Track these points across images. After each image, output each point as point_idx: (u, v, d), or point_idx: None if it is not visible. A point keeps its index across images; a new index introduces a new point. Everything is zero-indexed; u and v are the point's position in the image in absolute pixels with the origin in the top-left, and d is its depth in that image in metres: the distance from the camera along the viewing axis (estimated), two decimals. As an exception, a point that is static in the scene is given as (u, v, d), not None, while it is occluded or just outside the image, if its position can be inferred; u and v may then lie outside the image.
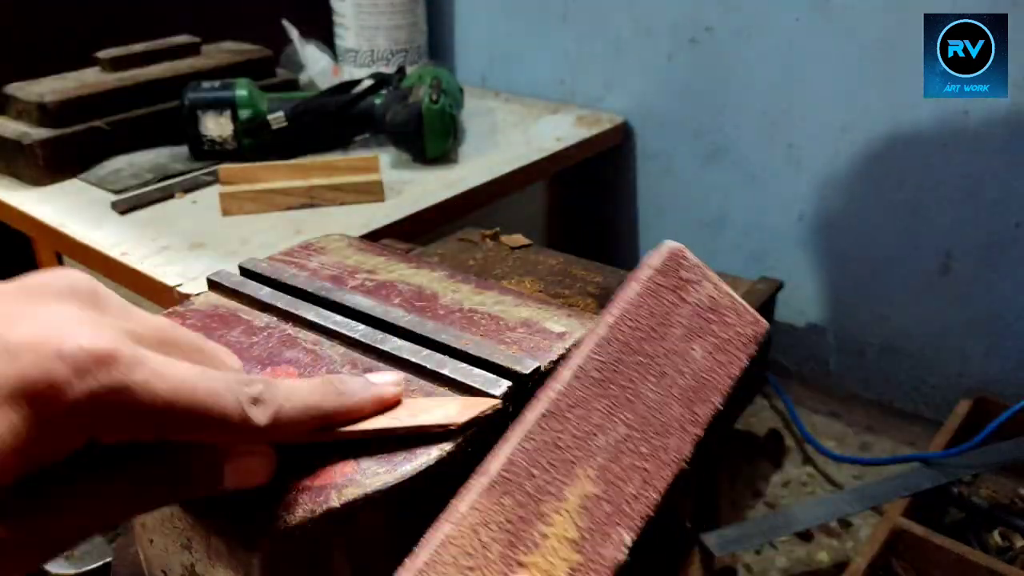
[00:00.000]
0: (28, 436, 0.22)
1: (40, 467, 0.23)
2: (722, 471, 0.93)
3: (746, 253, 1.09)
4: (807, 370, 1.11)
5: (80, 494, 0.24)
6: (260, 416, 0.27)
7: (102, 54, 0.99)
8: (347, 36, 1.19)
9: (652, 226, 1.18)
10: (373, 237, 0.81)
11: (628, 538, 0.28)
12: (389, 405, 0.32)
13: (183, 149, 0.97)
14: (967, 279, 0.93)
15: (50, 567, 0.54)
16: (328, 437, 0.31)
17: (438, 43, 1.31)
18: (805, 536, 0.87)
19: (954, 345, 0.97)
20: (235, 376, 0.27)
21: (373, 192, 0.87)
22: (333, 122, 0.98)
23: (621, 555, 0.27)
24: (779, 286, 0.99)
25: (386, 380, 0.33)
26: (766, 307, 0.97)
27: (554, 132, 1.08)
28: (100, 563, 0.54)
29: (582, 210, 1.24)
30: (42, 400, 0.22)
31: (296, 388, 0.29)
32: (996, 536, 0.79)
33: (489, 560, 0.26)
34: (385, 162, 0.96)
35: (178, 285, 0.72)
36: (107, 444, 0.24)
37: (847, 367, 1.07)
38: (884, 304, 1.01)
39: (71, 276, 0.26)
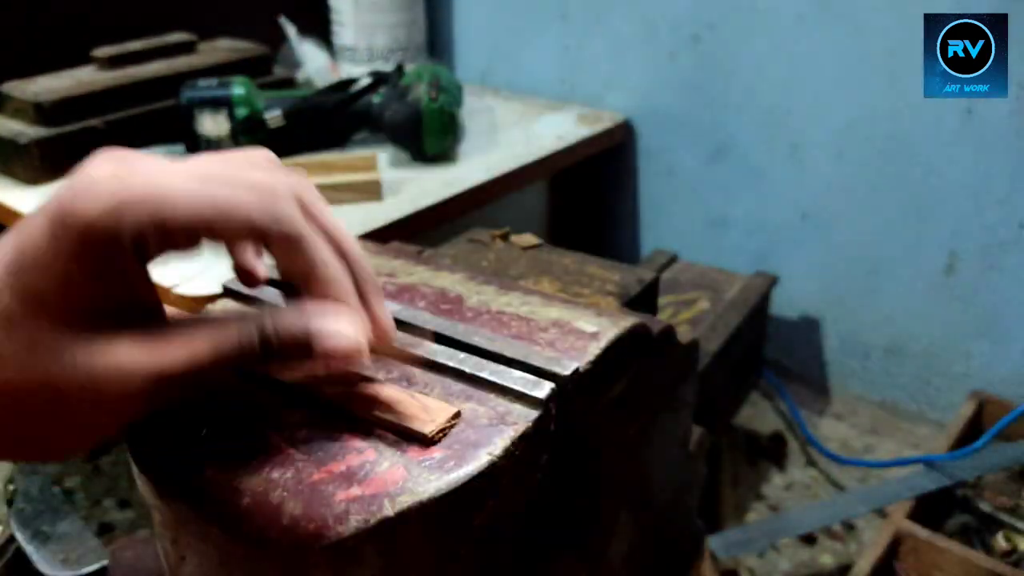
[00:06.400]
0: None
1: None
2: (725, 473, 0.92)
3: (749, 253, 1.08)
4: (810, 371, 1.10)
5: None
6: None
7: (98, 52, 0.98)
8: (345, 33, 1.18)
9: (654, 225, 1.18)
10: (372, 237, 0.80)
11: None
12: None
13: (179, 148, 0.96)
14: (972, 279, 0.92)
15: (46, 569, 0.53)
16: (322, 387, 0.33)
17: (437, 40, 1.30)
18: (808, 539, 0.87)
19: (959, 346, 0.96)
20: None
21: (371, 191, 0.87)
22: (331, 120, 0.97)
23: None
24: (774, 280, 0.98)
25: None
26: (762, 301, 0.96)
27: (555, 130, 1.07)
28: (96, 567, 0.53)
29: (583, 209, 1.23)
30: None
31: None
32: (1000, 539, 0.78)
33: None
34: (383, 161, 0.95)
35: (175, 286, 0.71)
36: None
37: (851, 368, 1.07)
38: (888, 305, 1.00)
39: None
